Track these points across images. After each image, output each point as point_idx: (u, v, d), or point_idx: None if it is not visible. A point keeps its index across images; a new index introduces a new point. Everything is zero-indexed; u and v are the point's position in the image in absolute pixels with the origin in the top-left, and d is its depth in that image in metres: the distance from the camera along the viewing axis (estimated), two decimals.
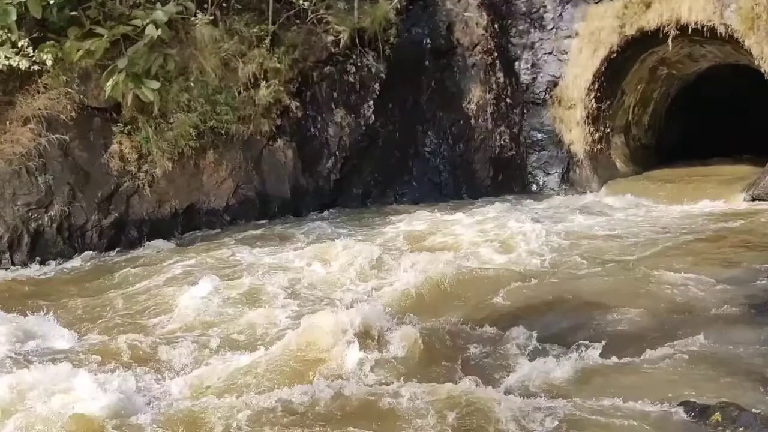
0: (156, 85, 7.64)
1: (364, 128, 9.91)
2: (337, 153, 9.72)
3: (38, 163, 7.54)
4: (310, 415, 3.78)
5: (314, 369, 4.31)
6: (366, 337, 4.60)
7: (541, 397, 3.87)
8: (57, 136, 7.62)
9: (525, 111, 11.09)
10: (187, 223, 8.60)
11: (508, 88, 10.98)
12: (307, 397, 3.92)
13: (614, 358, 4.32)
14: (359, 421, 3.70)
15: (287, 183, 9.34)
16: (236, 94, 8.66)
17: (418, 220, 8.52)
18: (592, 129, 10.99)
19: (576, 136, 10.93)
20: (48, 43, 7.34)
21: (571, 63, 10.77)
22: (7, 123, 7.49)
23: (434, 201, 10.00)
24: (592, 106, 10.84)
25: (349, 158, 9.82)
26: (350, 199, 9.90)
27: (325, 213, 9.49)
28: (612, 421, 3.55)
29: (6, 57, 6.56)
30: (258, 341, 4.89)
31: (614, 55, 10.46)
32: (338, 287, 6.12)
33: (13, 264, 7.40)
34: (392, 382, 4.11)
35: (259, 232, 8.38)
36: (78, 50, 7.31)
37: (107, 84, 7.33)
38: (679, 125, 13.08)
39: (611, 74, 10.72)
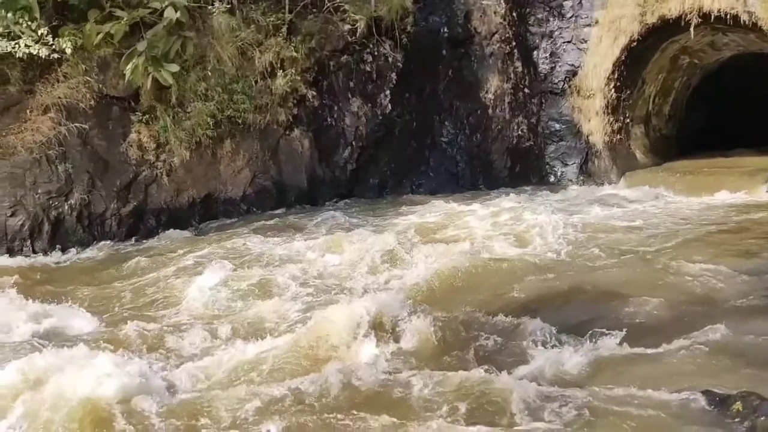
0: (175, 68, 7.63)
1: (380, 118, 9.88)
2: (353, 143, 9.70)
3: (58, 151, 7.62)
4: (320, 405, 3.78)
5: (326, 358, 4.30)
6: (379, 326, 4.59)
7: (556, 386, 3.84)
8: (76, 124, 7.69)
9: (543, 101, 10.97)
10: (205, 213, 8.66)
11: (526, 77, 10.87)
12: (317, 387, 3.91)
13: (632, 348, 4.27)
14: (370, 410, 3.69)
15: (304, 173, 9.35)
16: (253, 83, 8.68)
17: (434, 211, 8.46)
18: (611, 119, 10.85)
19: (595, 126, 10.80)
20: (67, 30, 7.39)
21: (591, 52, 10.62)
22: (28, 112, 7.58)
23: (451, 191, 9.94)
24: (611, 95, 10.70)
25: (366, 148, 9.80)
26: (366, 189, 9.89)
27: (341, 203, 9.49)
28: (629, 410, 3.52)
29: (26, 45, 6.62)
30: (269, 331, 4.89)
31: (635, 43, 10.30)
32: (351, 278, 6.11)
33: (33, 251, 7.50)
34: (404, 371, 4.10)
35: (275, 221, 8.39)
36: (98, 33, 7.34)
37: (127, 67, 7.33)
38: (701, 115, 12.86)
39: (631, 63, 10.56)
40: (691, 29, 9.70)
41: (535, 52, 10.92)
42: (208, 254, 6.92)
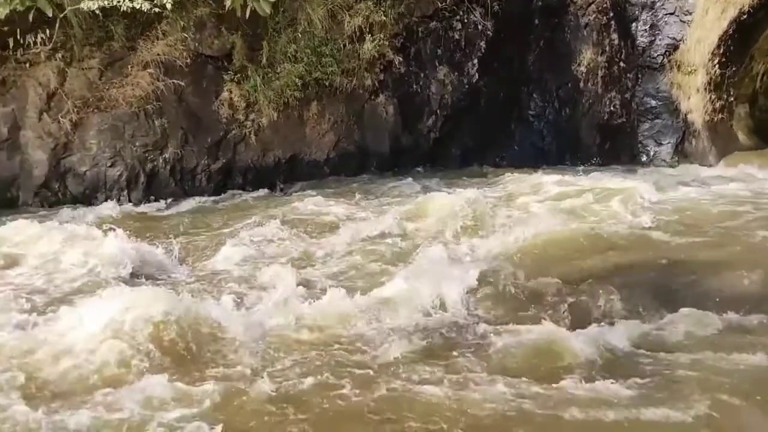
0: None
1: (466, 87, 9.73)
2: (438, 111, 9.61)
3: (155, 106, 7.96)
4: (413, 348, 3.86)
5: (412, 306, 4.34)
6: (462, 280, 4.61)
7: (642, 349, 3.69)
8: (173, 81, 7.99)
9: (639, 76, 10.45)
10: (289, 173, 8.84)
11: (623, 50, 10.39)
12: (405, 331, 4.01)
13: (721, 320, 4.05)
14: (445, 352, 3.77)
15: (387, 139, 9.36)
16: (341, 46, 8.73)
17: (518, 182, 8.28)
18: (713, 97, 10.21)
19: (695, 104, 10.20)
20: None
21: (695, 24, 10.01)
22: (129, 67, 7.94)
23: (535, 166, 9.69)
24: (715, 72, 10.06)
25: (450, 117, 9.69)
26: (448, 158, 9.80)
27: (422, 171, 9.45)
28: (710, 377, 3.33)
29: (129, 0, 6.92)
30: (357, 282, 4.98)
31: (744, 16, 9.61)
32: (433, 240, 6.08)
33: (129, 201, 7.91)
34: (480, 322, 4.10)
35: (356, 185, 8.47)
36: None
37: None
38: None
39: (739, 38, 9.88)
40: None
41: (633, 24, 10.40)
42: (296, 213, 7.04)
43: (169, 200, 8.03)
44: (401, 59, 9.26)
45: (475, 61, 9.73)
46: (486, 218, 6.57)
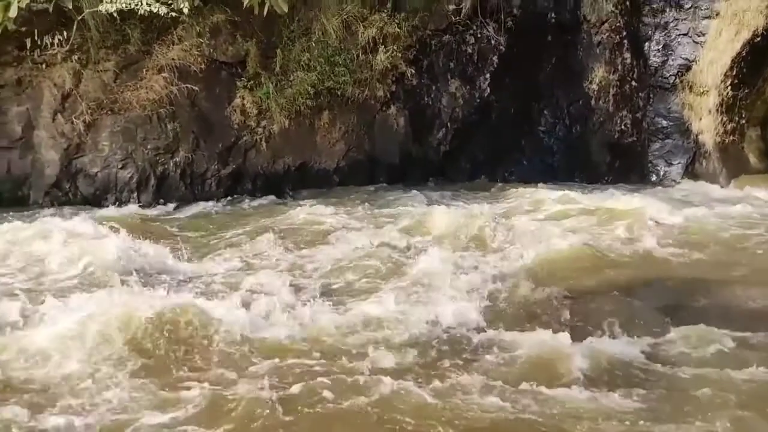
0: None
1: (478, 101, 9.76)
2: (448, 124, 9.64)
3: (168, 110, 8.02)
4: (398, 356, 3.85)
5: (406, 317, 4.32)
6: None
7: (646, 362, 3.66)
8: (187, 86, 8.06)
9: (651, 95, 10.45)
10: (298, 181, 8.86)
11: (635, 69, 10.40)
12: (398, 340, 4.00)
13: (726, 336, 3.99)
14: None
15: (397, 150, 9.38)
16: (355, 56, 8.78)
17: (527, 198, 8.26)
18: (724, 119, 10.20)
19: (706, 125, 10.19)
20: None
21: (708, 46, 10.03)
22: (144, 71, 8.01)
23: (544, 182, 9.67)
24: (727, 93, 10.05)
25: (461, 130, 9.71)
26: (458, 172, 9.80)
27: (431, 183, 9.45)
28: (715, 391, 3.31)
29: (147, 4, 7.02)
30: (351, 290, 4.98)
31: (758, 39, 9.62)
32: (431, 253, 6.04)
33: (139, 203, 7.95)
34: (478, 333, 4.12)
35: (365, 195, 8.46)
36: None
37: None
38: None
39: (752, 60, 9.88)
40: None
41: (646, 44, 10.42)
42: (305, 220, 7.07)
43: (179, 203, 8.07)
44: (413, 71, 9.30)
45: (487, 75, 9.76)
46: (488, 233, 6.54)
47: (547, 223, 7.11)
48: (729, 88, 10.01)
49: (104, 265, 5.24)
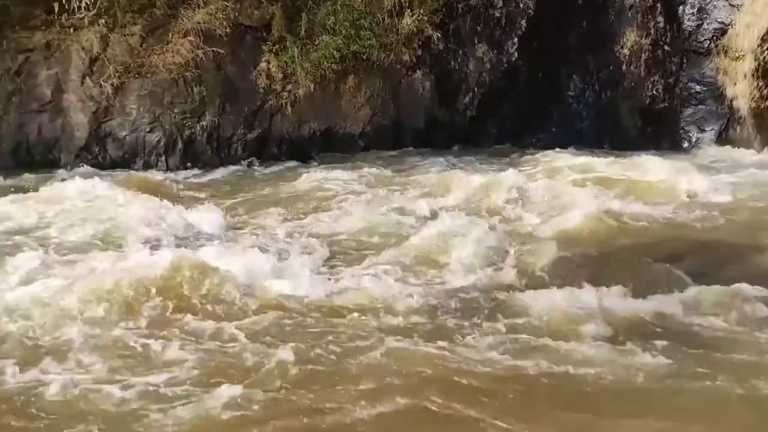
0: None
1: (505, 66, 9.61)
2: (475, 89, 9.52)
3: (194, 74, 8.07)
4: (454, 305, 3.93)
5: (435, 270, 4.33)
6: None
7: (672, 318, 3.64)
8: (213, 49, 8.08)
9: (684, 60, 10.17)
10: (323, 145, 8.88)
11: (668, 34, 10.11)
12: (429, 294, 4.06)
13: (754, 296, 3.94)
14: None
15: (422, 115, 9.32)
16: (380, 20, 8.69)
17: (553, 164, 8.14)
18: (760, 84, 9.88)
19: (741, 90, 9.90)
20: None
21: (745, 9, 9.69)
22: (170, 35, 8.05)
23: (573, 148, 9.53)
24: (764, 58, 9.72)
25: (487, 95, 9.59)
26: (484, 137, 9.71)
27: (457, 148, 9.38)
28: (742, 349, 3.28)
29: None
30: (376, 252, 5.01)
31: None
32: (455, 213, 6.04)
33: (167, 166, 8.05)
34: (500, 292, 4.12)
35: (390, 160, 8.45)
36: None
37: None
38: None
39: None
40: None
41: (680, 8, 10.10)
42: (331, 183, 7.09)
43: (205, 167, 8.15)
44: (440, 35, 9.18)
45: (515, 39, 9.59)
46: (507, 198, 6.47)
47: (569, 188, 7.02)
48: (766, 52, 9.70)
49: (125, 227, 5.34)
